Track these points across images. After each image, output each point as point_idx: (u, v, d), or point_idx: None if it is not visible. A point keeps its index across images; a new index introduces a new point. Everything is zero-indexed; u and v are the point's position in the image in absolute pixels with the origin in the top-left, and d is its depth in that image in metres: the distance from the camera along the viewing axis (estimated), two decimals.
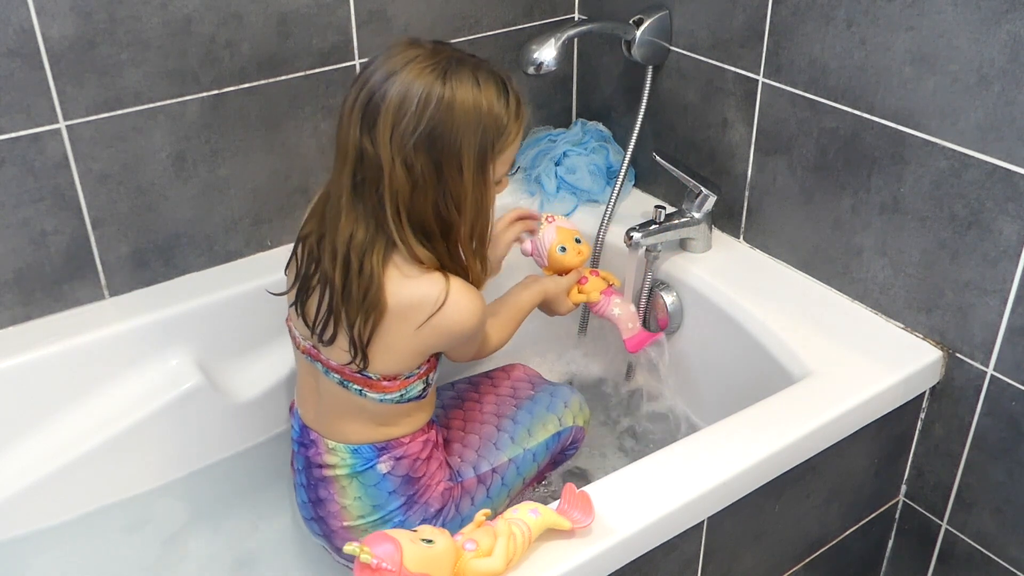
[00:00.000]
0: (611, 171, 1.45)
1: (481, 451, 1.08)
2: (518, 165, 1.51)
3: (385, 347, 0.88)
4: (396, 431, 0.98)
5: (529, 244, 1.20)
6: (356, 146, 0.81)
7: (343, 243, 0.84)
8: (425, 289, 0.86)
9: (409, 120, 0.80)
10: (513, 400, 1.13)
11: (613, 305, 1.18)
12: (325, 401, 0.98)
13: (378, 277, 0.84)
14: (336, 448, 0.99)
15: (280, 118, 1.26)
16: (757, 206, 1.28)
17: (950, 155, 1.00)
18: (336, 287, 0.86)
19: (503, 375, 1.18)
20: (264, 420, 1.26)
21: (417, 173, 0.82)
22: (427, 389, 0.96)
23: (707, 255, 1.30)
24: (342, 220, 0.84)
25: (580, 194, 1.44)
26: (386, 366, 0.90)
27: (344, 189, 0.84)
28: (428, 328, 0.87)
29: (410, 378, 0.93)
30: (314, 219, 0.89)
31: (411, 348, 0.89)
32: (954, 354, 1.07)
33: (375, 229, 0.84)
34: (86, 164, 1.13)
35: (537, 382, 1.18)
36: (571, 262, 1.18)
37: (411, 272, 0.86)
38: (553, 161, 1.46)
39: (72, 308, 1.17)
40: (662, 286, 1.30)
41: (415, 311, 0.86)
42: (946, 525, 1.14)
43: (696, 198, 1.26)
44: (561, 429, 1.12)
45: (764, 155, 1.24)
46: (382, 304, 0.85)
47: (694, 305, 1.27)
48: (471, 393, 1.16)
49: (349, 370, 0.92)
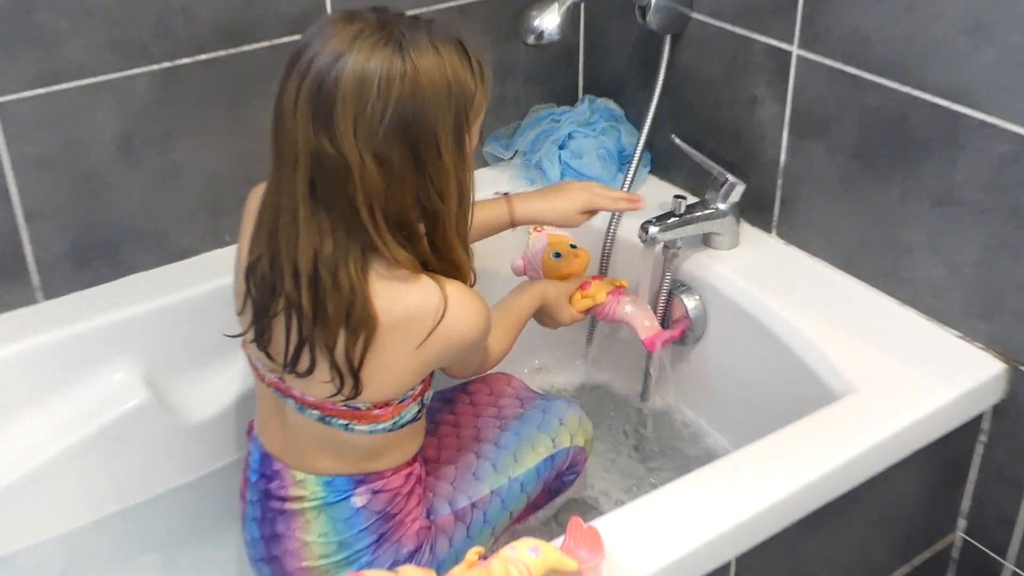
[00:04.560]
0: (623, 155, 1.45)
1: (457, 483, 1.07)
2: (516, 148, 1.51)
3: (381, 369, 0.88)
4: (381, 463, 0.99)
5: (520, 261, 1.22)
6: (310, 148, 0.80)
7: (307, 261, 0.83)
8: (421, 298, 0.86)
9: (374, 107, 0.78)
10: (497, 421, 1.12)
11: (624, 303, 1.19)
12: (295, 434, 0.98)
13: (361, 289, 0.84)
14: (306, 480, 0.99)
15: (243, 94, 1.25)
16: (791, 196, 1.28)
17: (1011, 138, 1.00)
18: (306, 312, 0.85)
19: (483, 389, 1.17)
20: (222, 444, 1.26)
21: (392, 166, 0.81)
22: (422, 411, 0.97)
23: (734, 252, 1.30)
24: (301, 237, 0.83)
25: None
26: (381, 391, 0.90)
27: (299, 200, 0.82)
28: (432, 342, 0.86)
29: (404, 402, 0.93)
30: (260, 242, 0.87)
31: (411, 367, 0.89)
32: (1018, 367, 1.08)
33: (345, 238, 0.83)
34: (19, 147, 1.12)
35: (527, 397, 1.17)
36: (569, 267, 1.19)
37: (398, 279, 0.86)
38: (556, 144, 1.46)
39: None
40: (682, 288, 1.31)
41: (414, 324, 0.86)
42: (1012, 566, 1.13)
43: (721, 187, 1.27)
44: (555, 451, 1.11)
45: (799, 138, 1.24)
46: (372, 319, 0.85)
47: (719, 309, 1.28)
48: (444, 415, 1.15)
49: (332, 403, 0.91)
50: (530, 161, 1.46)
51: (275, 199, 0.85)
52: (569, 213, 1.15)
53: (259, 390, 1.01)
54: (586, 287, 1.19)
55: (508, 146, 1.51)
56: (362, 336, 0.85)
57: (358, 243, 0.83)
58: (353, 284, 0.83)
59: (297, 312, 0.86)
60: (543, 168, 1.43)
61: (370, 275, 0.85)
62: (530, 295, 1.13)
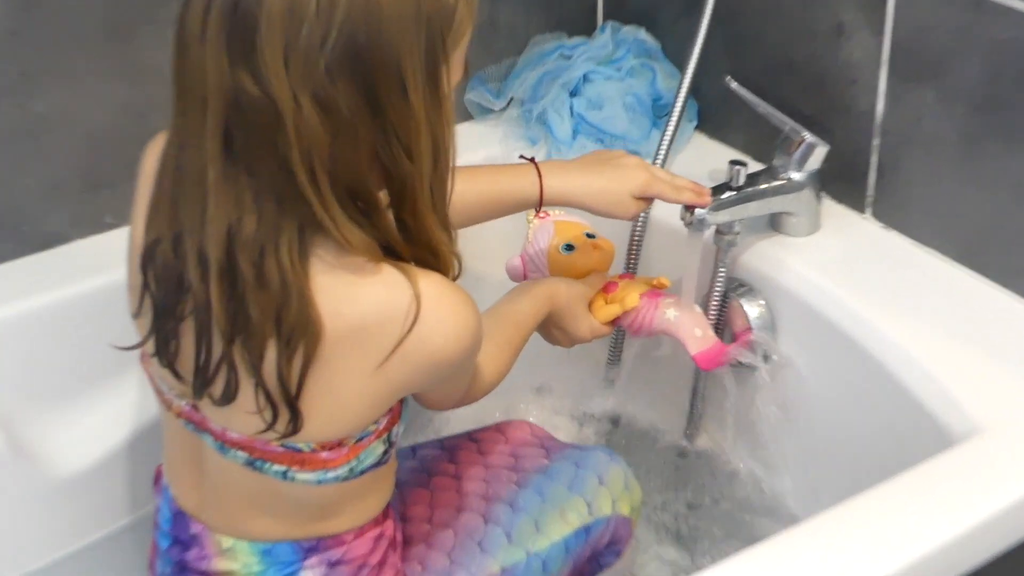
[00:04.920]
0: (659, 105, 1.46)
1: (457, 555, 1.07)
2: (511, 95, 1.51)
3: (328, 396, 0.88)
4: (336, 524, 0.98)
5: (517, 259, 1.22)
6: (224, 87, 0.80)
7: (218, 244, 0.83)
8: (383, 296, 0.86)
9: (312, 31, 0.78)
10: (513, 474, 1.14)
11: (664, 307, 1.20)
12: (218, 484, 0.98)
13: (297, 284, 0.84)
14: (235, 548, 0.98)
15: (130, 25, 1.24)
16: (892, 162, 1.28)
17: None
18: (218, 315, 0.85)
19: (497, 437, 1.19)
20: (116, 500, 1.25)
21: (340, 112, 0.81)
22: (389, 452, 0.97)
23: (814, 240, 1.31)
24: (210, 210, 0.83)
25: (610, 142, 1.45)
26: (330, 426, 0.90)
27: (208, 159, 0.82)
28: (399, 360, 0.86)
29: (363, 440, 0.93)
30: (160, 217, 0.87)
31: (371, 394, 0.89)
32: None
33: (275, 211, 0.83)
34: None
35: (552, 447, 1.18)
36: (586, 263, 1.20)
37: (350, 270, 0.86)
38: (567, 89, 1.46)
39: None
40: (742, 290, 1.31)
41: (374, 334, 0.86)
42: None
43: (795, 149, 1.27)
44: (591, 521, 1.12)
45: (902, 82, 1.24)
46: (313, 326, 0.85)
47: (793, 319, 1.28)
48: (443, 463, 1.16)
49: (264, 442, 0.91)
50: (529, 113, 1.46)
51: (177, 158, 0.85)
52: (620, 196, 1.15)
53: (166, 423, 1.01)
54: (611, 289, 1.20)
55: (499, 92, 1.51)
56: (300, 350, 0.85)
57: (293, 219, 0.83)
58: (285, 277, 0.83)
59: (206, 315, 0.86)
60: (548, 123, 1.43)
61: (311, 264, 0.85)
62: (533, 298, 1.14)
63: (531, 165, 1.16)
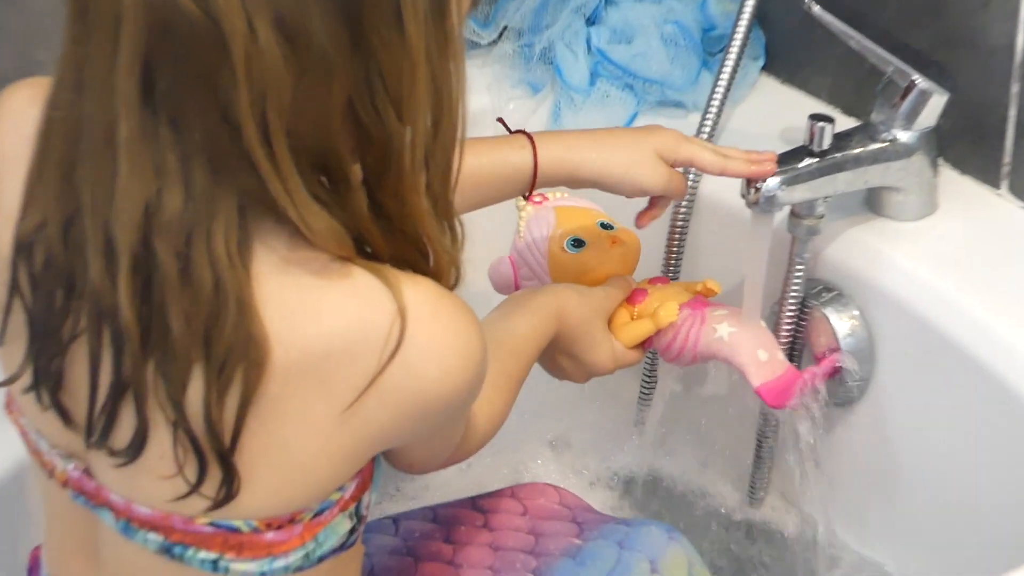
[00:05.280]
0: (712, 38, 1.47)
1: None
2: (503, 24, 1.50)
3: (274, 450, 0.88)
4: None
5: (506, 263, 1.23)
6: (146, 5, 0.79)
7: (131, 223, 0.83)
8: (354, 308, 0.87)
9: None
10: (531, 559, 1.15)
11: (714, 322, 1.21)
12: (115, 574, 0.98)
13: (235, 284, 0.84)
14: None
15: None
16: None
17: None
18: (127, 325, 0.84)
19: (512, 506, 1.20)
20: None
21: (307, 43, 0.81)
22: (357, 531, 0.97)
23: (928, 225, 1.31)
24: (122, 174, 0.82)
25: (642, 89, 1.44)
26: (277, 495, 0.91)
27: (121, 105, 0.82)
28: (374, 401, 0.87)
29: (323, 514, 0.93)
30: (44, 192, 0.87)
31: (333, 449, 0.90)
32: None
33: (210, 182, 0.83)
34: None
35: (587, 521, 1.20)
36: (601, 263, 1.23)
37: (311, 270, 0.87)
38: (582, 15, 1.46)
39: None
40: (828, 296, 1.31)
41: (340, 364, 0.86)
42: None
43: (902, 99, 1.27)
44: None
45: None
46: (256, 348, 0.85)
47: (898, 337, 1.28)
48: (435, 543, 1.18)
49: (185, 519, 0.91)
50: (530, 49, 1.48)
51: (71, 106, 0.84)
52: (642, 157, 1.17)
53: (48, 496, 1.01)
54: (639, 299, 1.21)
55: (487, 20, 1.51)
56: (237, 381, 0.84)
57: (233, 193, 0.83)
58: (220, 275, 0.83)
59: (111, 326, 0.85)
60: (556, 62, 1.45)
61: (256, 258, 0.85)
62: (533, 315, 1.15)
63: (520, 135, 1.17)
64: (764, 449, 1.39)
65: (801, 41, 1.44)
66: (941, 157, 1.32)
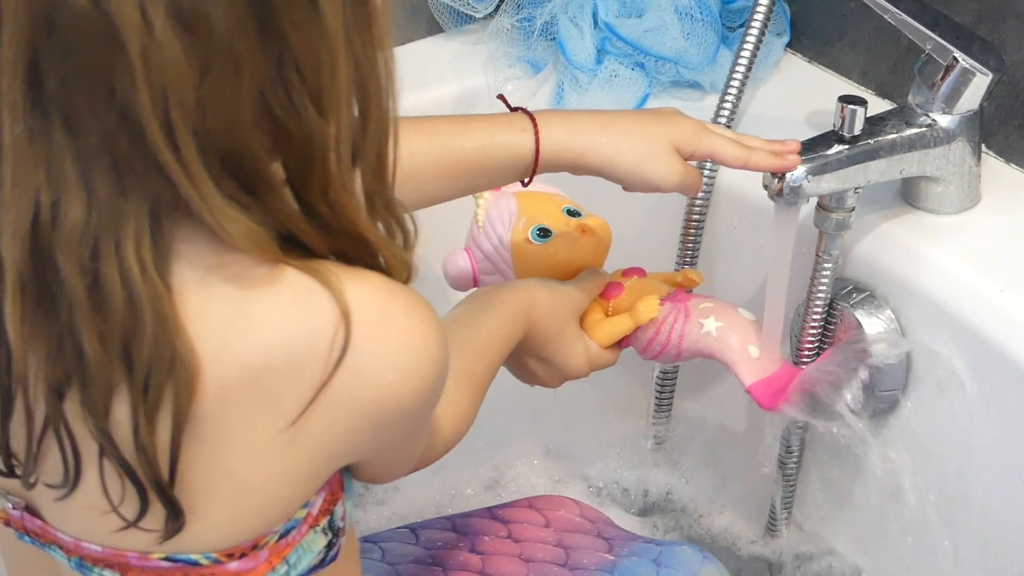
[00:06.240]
0: (732, 11, 1.48)
1: None
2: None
3: (220, 477, 0.89)
4: None
5: (463, 256, 1.26)
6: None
7: (18, 236, 0.83)
8: (292, 314, 0.87)
9: None
10: (567, 571, 1.18)
11: (698, 315, 1.23)
12: None
13: (151, 296, 0.84)
14: None
15: None
16: None
17: None
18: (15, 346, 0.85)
19: (533, 517, 1.24)
20: None
21: (210, 32, 0.80)
22: (336, 542, 0.97)
23: (970, 219, 1.31)
24: (6, 182, 0.82)
25: (654, 68, 1.45)
26: (232, 524, 0.91)
27: (5, 104, 0.81)
28: (323, 413, 0.87)
29: (290, 534, 0.93)
30: None
31: (285, 470, 0.90)
32: None
33: (113, 188, 0.82)
34: None
35: (615, 537, 1.23)
36: (570, 254, 1.24)
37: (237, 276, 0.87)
38: None
39: None
40: (859, 297, 1.31)
41: (283, 376, 0.87)
42: None
43: (942, 79, 1.26)
44: None
45: None
46: (183, 364, 0.85)
47: (937, 342, 1.27)
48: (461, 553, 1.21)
49: (140, 553, 0.91)
50: (530, 22, 1.47)
51: None
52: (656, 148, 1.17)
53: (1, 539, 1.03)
54: (614, 293, 1.22)
55: None
56: (167, 402, 0.84)
57: (142, 199, 0.83)
58: (133, 289, 0.83)
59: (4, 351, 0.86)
60: (559, 37, 1.44)
61: (174, 267, 0.85)
62: (500, 312, 1.17)
63: (520, 113, 1.17)
64: (788, 468, 1.39)
65: (830, 15, 1.44)
66: (984, 144, 1.31)
